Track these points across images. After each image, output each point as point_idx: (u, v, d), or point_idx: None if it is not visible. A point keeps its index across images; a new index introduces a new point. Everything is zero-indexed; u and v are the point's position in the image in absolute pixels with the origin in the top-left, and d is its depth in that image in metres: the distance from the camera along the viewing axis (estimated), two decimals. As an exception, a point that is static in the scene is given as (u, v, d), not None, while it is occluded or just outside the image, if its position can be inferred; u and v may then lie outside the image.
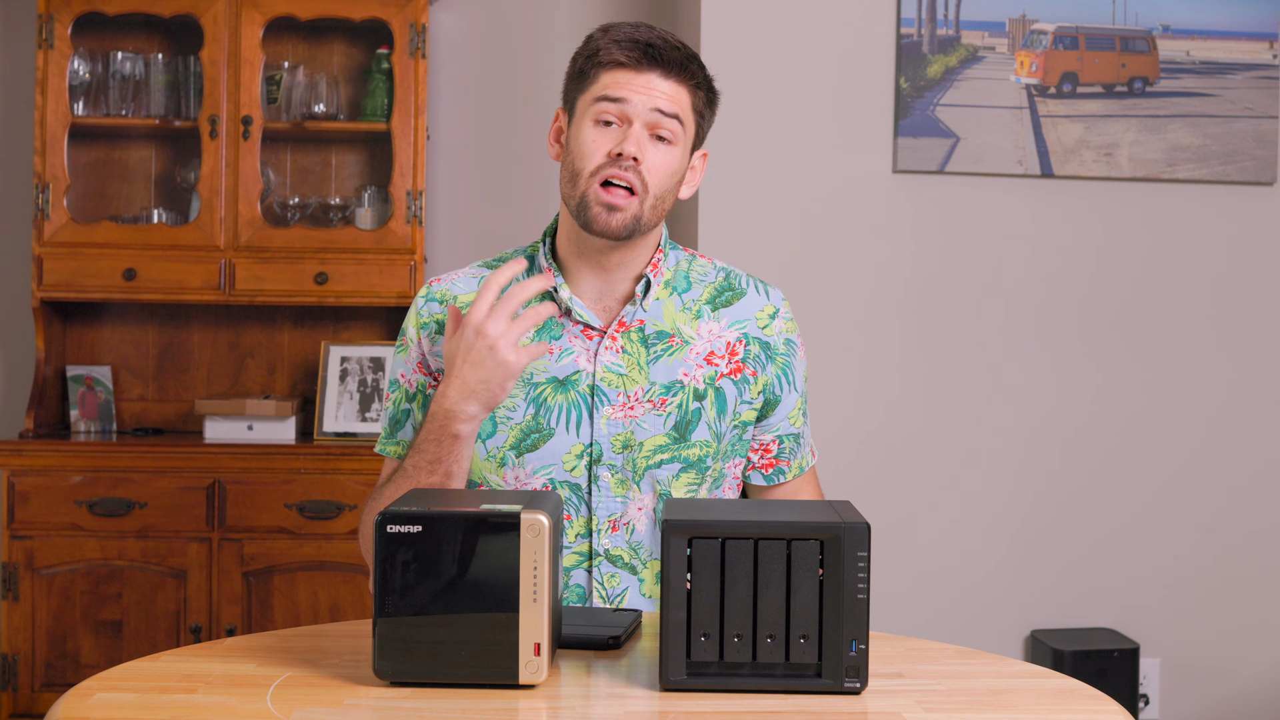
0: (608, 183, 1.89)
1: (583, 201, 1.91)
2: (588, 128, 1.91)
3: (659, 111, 1.90)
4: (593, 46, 1.94)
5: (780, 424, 2.04)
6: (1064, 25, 3.62)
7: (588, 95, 1.93)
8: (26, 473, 3.49)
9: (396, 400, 2.02)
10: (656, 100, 1.90)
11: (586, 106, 1.92)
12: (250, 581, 3.49)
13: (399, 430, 2.02)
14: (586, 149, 1.91)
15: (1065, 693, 1.55)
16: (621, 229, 1.91)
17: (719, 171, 3.52)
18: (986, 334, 3.64)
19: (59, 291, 3.65)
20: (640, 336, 1.98)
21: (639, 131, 1.90)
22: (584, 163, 1.91)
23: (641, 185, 1.90)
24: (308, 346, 3.90)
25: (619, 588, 1.96)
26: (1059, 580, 3.66)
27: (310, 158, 3.91)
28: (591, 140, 1.91)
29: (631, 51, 1.90)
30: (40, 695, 3.47)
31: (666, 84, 1.91)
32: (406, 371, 2.02)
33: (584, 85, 1.94)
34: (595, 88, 1.92)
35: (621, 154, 1.88)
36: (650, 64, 1.90)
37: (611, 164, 1.89)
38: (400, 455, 2.00)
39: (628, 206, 1.90)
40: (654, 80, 1.90)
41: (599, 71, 1.92)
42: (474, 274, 2.04)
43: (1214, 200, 3.68)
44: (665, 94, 1.90)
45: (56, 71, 3.62)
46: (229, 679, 1.54)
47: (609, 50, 1.91)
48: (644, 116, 1.90)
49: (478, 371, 1.81)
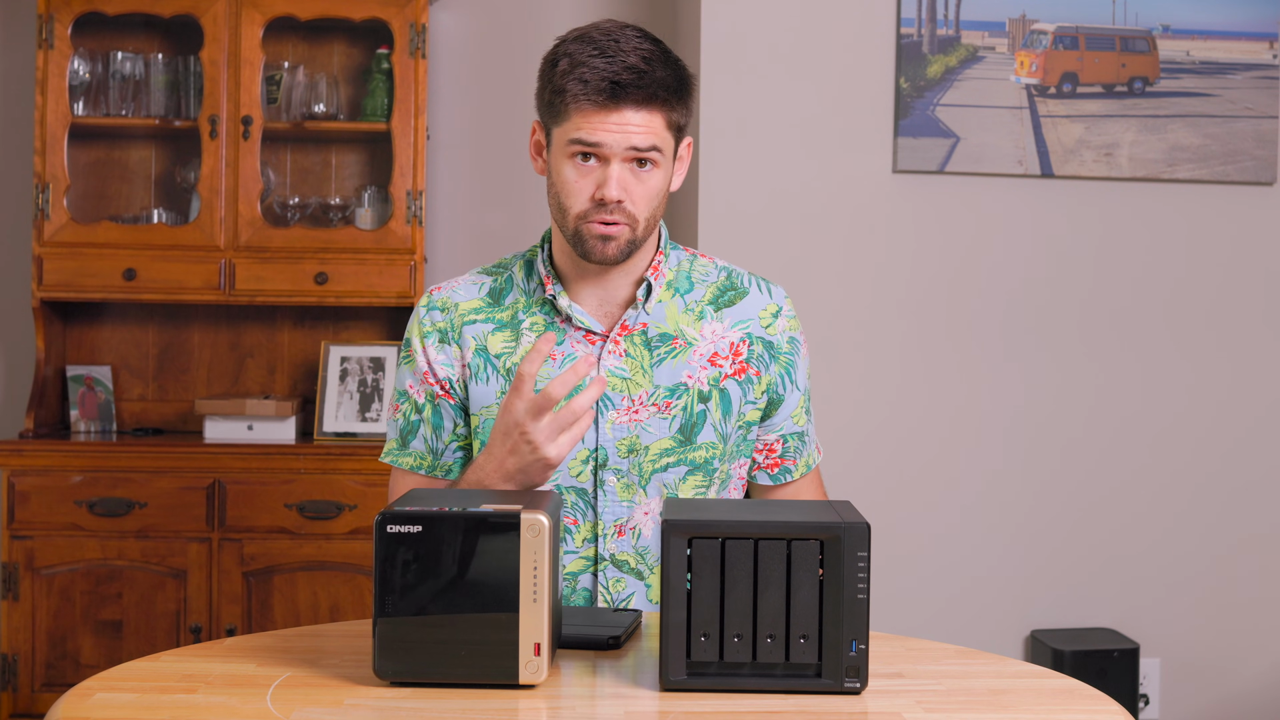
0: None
1: (576, 235, 1.91)
2: (566, 164, 1.89)
3: (634, 149, 1.87)
4: (559, 82, 1.88)
5: (784, 423, 2.04)
6: (1064, 25, 3.62)
7: (561, 130, 1.89)
8: (26, 473, 3.49)
9: (406, 412, 2.01)
10: (631, 139, 1.86)
11: (562, 143, 1.89)
12: (250, 581, 3.49)
13: (411, 441, 2.01)
14: (570, 188, 1.89)
15: (1065, 693, 1.55)
16: (618, 254, 1.91)
17: (719, 172, 3.53)
18: (986, 334, 3.64)
19: (59, 291, 3.65)
20: (643, 339, 1.97)
21: (618, 170, 1.87)
22: (569, 201, 1.89)
23: (629, 217, 1.89)
24: (308, 346, 3.90)
25: (625, 592, 1.95)
26: (1059, 580, 3.66)
27: (310, 158, 3.91)
28: (574, 181, 1.89)
29: (598, 94, 1.85)
30: (40, 695, 3.47)
31: (639, 115, 1.86)
32: (414, 383, 2.01)
33: (556, 118, 1.90)
34: (568, 125, 1.88)
35: (605, 199, 1.87)
36: (617, 102, 1.85)
37: (597, 208, 1.88)
38: (415, 467, 2.00)
39: (620, 234, 1.89)
40: (626, 116, 1.86)
41: (568, 109, 1.87)
42: (474, 280, 2.04)
43: (1214, 200, 3.68)
44: (639, 127, 1.86)
45: (56, 71, 3.62)
46: (229, 679, 1.54)
47: (574, 93, 1.85)
48: (621, 154, 1.87)
49: (517, 460, 1.79)
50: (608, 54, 1.86)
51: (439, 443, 1.99)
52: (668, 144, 1.91)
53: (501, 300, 2.01)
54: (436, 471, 2.01)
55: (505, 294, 2.01)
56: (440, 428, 1.99)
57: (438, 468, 2.01)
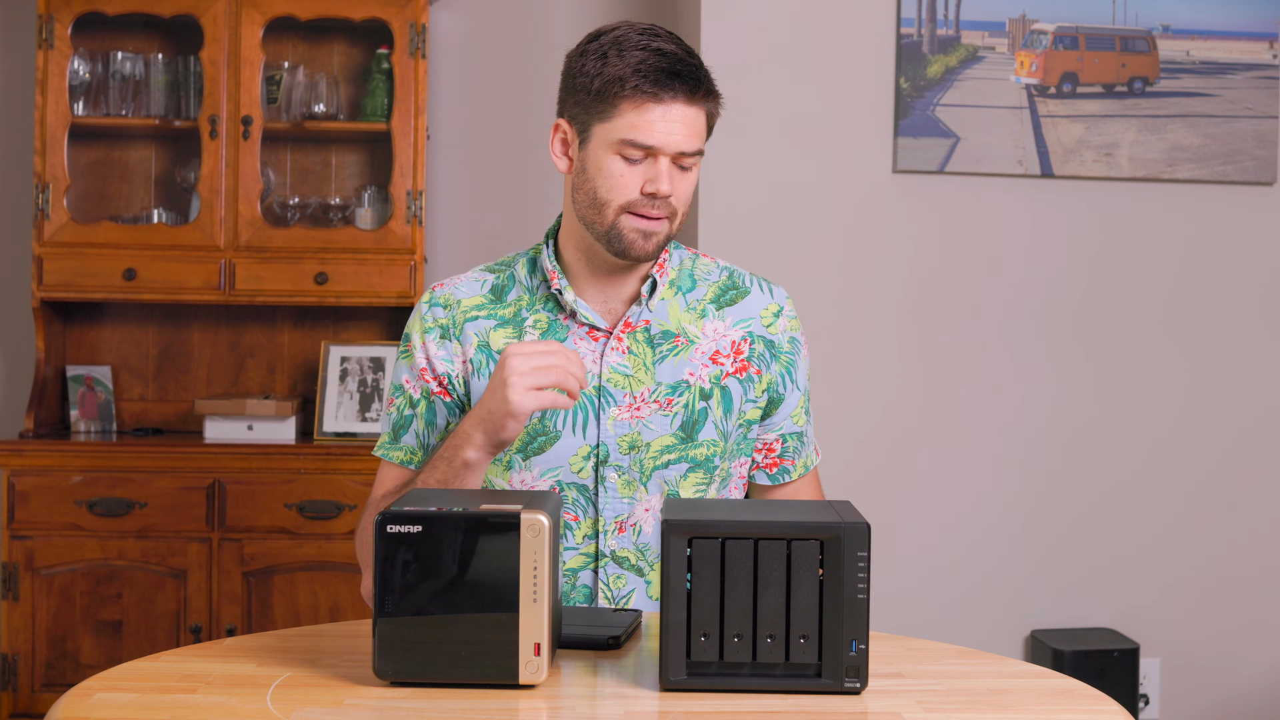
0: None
1: (614, 229, 1.90)
2: (613, 160, 1.89)
3: (682, 154, 1.89)
4: (611, 71, 1.87)
5: (783, 423, 2.04)
6: (1064, 25, 3.62)
7: (608, 126, 1.88)
8: (26, 473, 3.49)
9: (400, 406, 2.01)
10: (680, 143, 1.87)
11: (608, 138, 1.88)
12: (250, 581, 3.49)
13: (403, 435, 2.01)
14: (615, 182, 1.89)
15: (1065, 693, 1.55)
16: (656, 251, 1.93)
17: (719, 172, 3.53)
18: (986, 334, 3.64)
19: (59, 291, 3.65)
20: (646, 337, 1.98)
21: (667, 167, 1.88)
22: (612, 195, 1.89)
23: (671, 212, 1.91)
24: (308, 346, 3.90)
25: (625, 589, 1.96)
26: (1059, 580, 3.66)
27: (310, 158, 3.91)
28: (620, 175, 1.88)
29: (654, 79, 1.85)
30: (40, 695, 3.47)
31: (690, 111, 1.87)
32: (411, 377, 2.01)
33: (603, 112, 1.88)
34: (619, 122, 1.87)
35: (656, 193, 1.88)
36: (672, 91, 1.86)
37: (645, 201, 1.89)
38: (405, 462, 2.00)
39: (661, 229, 1.91)
40: (677, 111, 1.86)
41: (621, 102, 1.86)
42: (476, 278, 2.04)
43: (1214, 200, 3.68)
44: (688, 130, 1.87)
45: (56, 71, 3.62)
46: (229, 679, 1.54)
47: (629, 79, 1.85)
48: (670, 154, 1.88)
49: (489, 402, 1.80)
50: (656, 43, 1.88)
51: (430, 438, 1.99)
52: (704, 144, 1.93)
53: (504, 297, 2.01)
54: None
55: (508, 291, 2.01)
56: (433, 424, 1.99)
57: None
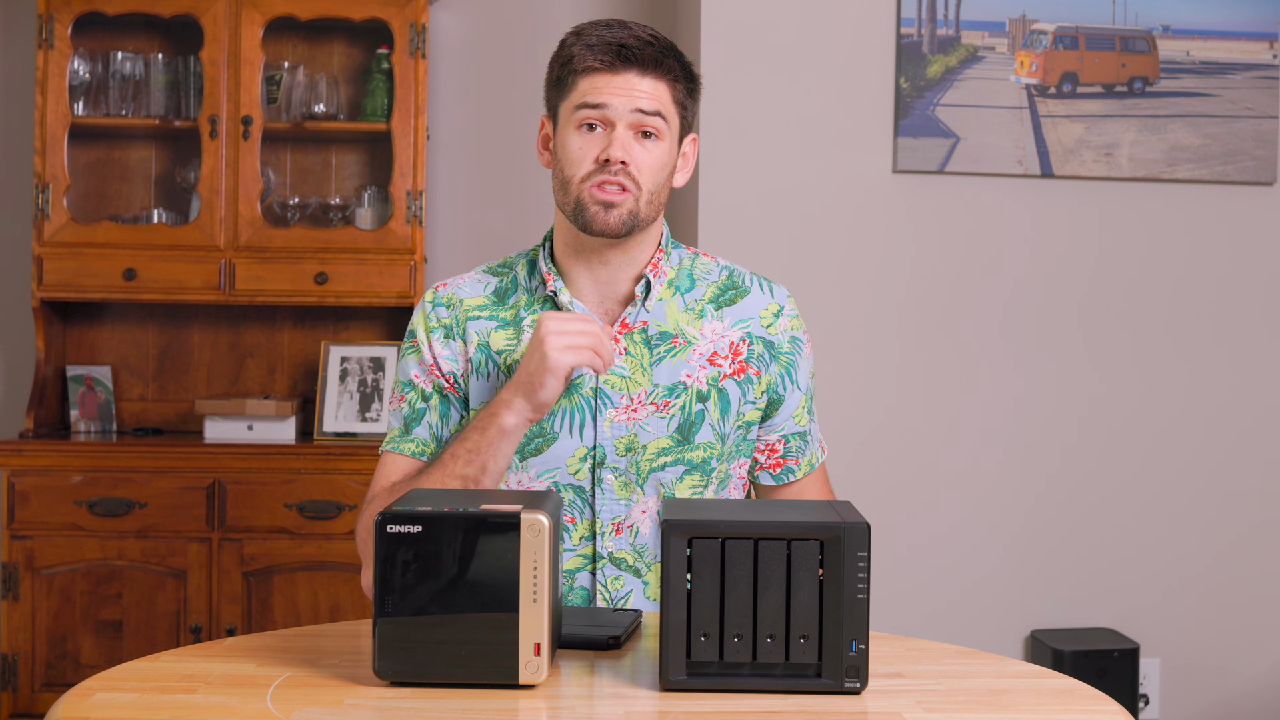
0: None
1: (578, 204, 1.92)
2: (572, 134, 1.92)
3: (640, 111, 1.90)
4: (567, 53, 1.94)
5: (785, 423, 2.04)
6: (1064, 25, 3.62)
7: (568, 103, 1.93)
8: (26, 473, 3.49)
9: (411, 400, 2.00)
10: (637, 100, 1.90)
11: (569, 114, 1.93)
12: (250, 581, 3.49)
13: (415, 428, 2.00)
14: (573, 155, 1.92)
15: (1065, 693, 1.55)
16: (620, 225, 1.91)
17: (719, 172, 3.53)
18: (986, 334, 3.64)
19: (59, 291, 3.65)
20: (643, 338, 1.98)
21: (623, 134, 1.90)
22: (573, 169, 1.92)
23: (634, 184, 1.91)
24: (308, 346, 3.90)
25: (623, 590, 1.96)
26: (1059, 580, 3.66)
27: (310, 158, 3.91)
28: (578, 147, 1.92)
29: (605, 55, 1.90)
30: (40, 695, 3.47)
31: (645, 82, 1.91)
32: (420, 373, 2.00)
33: (563, 92, 1.94)
34: (574, 94, 1.92)
35: (609, 159, 1.89)
36: (625, 64, 1.90)
37: (600, 170, 1.90)
38: (416, 453, 1.99)
39: (623, 202, 1.91)
40: (631, 80, 1.90)
41: (576, 78, 1.92)
42: (479, 279, 2.04)
43: (1214, 200, 3.68)
44: (645, 93, 1.91)
45: (56, 71, 3.62)
46: (229, 679, 1.54)
47: (583, 56, 1.91)
48: (626, 118, 1.90)
49: (527, 364, 1.85)
50: (614, 27, 1.94)
51: (444, 430, 1.99)
52: (673, 117, 1.94)
53: (506, 299, 2.01)
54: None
55: (509, 293, 2.02)
56: (447, 416, 1.99)
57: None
